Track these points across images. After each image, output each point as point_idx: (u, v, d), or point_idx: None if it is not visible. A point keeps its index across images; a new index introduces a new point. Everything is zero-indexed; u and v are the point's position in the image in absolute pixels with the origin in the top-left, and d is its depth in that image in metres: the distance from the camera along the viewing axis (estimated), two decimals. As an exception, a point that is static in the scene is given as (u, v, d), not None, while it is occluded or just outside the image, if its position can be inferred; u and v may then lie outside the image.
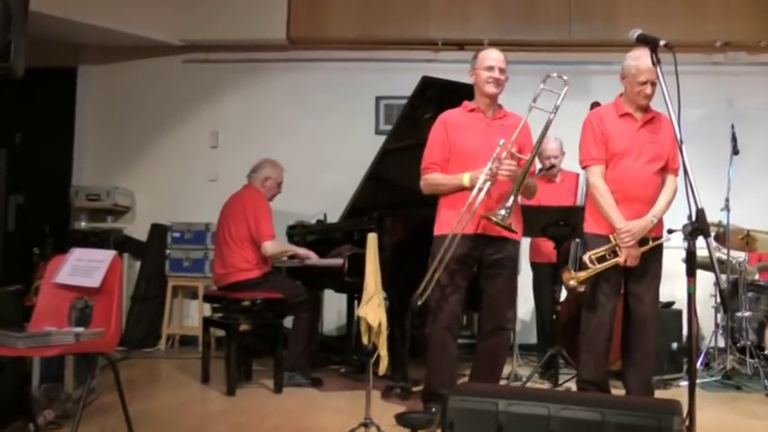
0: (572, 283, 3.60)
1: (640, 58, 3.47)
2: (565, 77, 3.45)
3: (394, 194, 4.81)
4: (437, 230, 3.56)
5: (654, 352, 3.66)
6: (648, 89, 3.51)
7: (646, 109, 3.60)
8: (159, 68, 6.89)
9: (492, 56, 3.56)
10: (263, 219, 4.67)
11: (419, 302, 3.35)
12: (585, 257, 3.50)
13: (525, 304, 5.50)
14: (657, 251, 3.58)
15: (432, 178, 3.58)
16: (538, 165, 4.92)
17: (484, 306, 3.59)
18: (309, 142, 6.68)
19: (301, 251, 4.87)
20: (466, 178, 3.43)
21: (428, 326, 3.53)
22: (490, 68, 3.52)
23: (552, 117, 3.44)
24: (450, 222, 3.42)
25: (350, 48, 6.66)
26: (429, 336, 3.53)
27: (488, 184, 3.35)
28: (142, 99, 6.91)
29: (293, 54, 6.76)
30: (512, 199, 3.31)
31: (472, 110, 3.60)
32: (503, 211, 3.27)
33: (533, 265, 5.20)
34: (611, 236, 3.50)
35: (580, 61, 6.32)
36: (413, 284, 3.44)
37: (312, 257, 4.81)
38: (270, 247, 4.67)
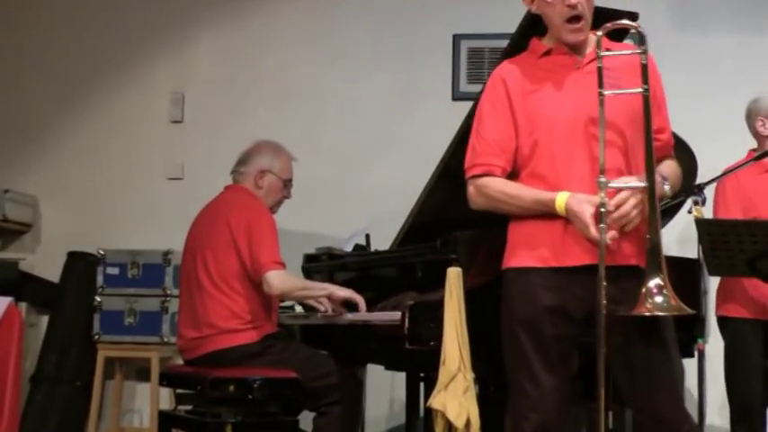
0: None
1: None
2: None
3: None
4: (507, 260, 3.60)
5: None
6: None
7: None
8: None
9: None
10: (262, 237, 4.72)
11: None
12: None
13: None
14: None
15: (490, 187, 3.58)
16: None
17: (636, 402, 3.53)
18: (342, 116, 6.86)
19: (343, 292, 4.72)
20: (561, 202, 3.37)
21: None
22: None
23: None
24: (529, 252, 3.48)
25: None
26: None
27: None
28: (54, 42, 7.13)
29: (312, -35, 6.94)
30: (658, 244, 3.24)
31: (548, 52, 3.60)
32: (659, 299, 3.16)
33: (724, 323, 5.18)
34: None
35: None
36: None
37: (360, 304, 4.69)
38: (276, 279, 4.66)
